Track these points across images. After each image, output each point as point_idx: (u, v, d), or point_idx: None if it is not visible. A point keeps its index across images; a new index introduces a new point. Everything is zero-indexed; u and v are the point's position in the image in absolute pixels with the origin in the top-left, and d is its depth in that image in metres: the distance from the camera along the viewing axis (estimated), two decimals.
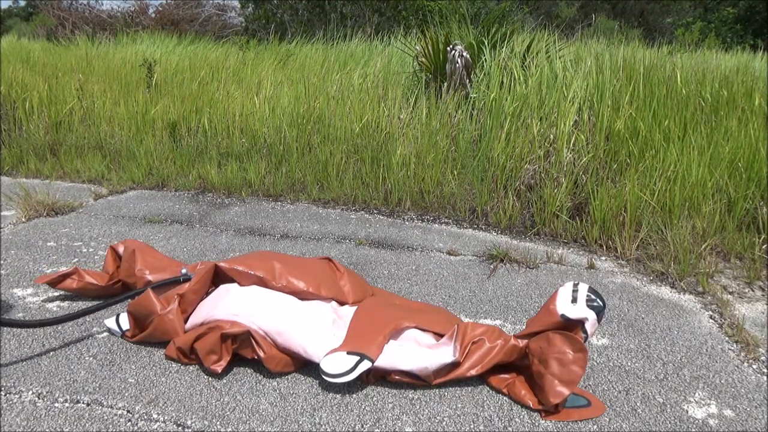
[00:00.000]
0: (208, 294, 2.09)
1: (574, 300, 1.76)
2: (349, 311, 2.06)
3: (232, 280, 2.09)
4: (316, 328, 1.88)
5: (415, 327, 1.91)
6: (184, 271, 2.15)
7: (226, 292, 2.02)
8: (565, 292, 1.80)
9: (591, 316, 1.73)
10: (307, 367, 1.87)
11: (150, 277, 2.20)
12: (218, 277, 2.11)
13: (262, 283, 2.05)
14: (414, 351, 1.79)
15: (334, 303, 2.08)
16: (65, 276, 2.24)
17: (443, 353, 1.77)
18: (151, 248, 2.42)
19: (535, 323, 1.81)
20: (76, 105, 5.15)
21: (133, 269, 2.22)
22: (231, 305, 1.93)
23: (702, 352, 2.02)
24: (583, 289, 1.79)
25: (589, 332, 1.74)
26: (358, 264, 2.72)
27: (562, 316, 1.74)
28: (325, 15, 11.37)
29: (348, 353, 1.76)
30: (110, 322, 2.04)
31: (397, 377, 1.76)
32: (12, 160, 4.56)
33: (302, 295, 2.05)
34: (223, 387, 1.77)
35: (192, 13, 12.93)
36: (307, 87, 4.83)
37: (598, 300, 1.77)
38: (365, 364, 1.72)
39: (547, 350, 1.71)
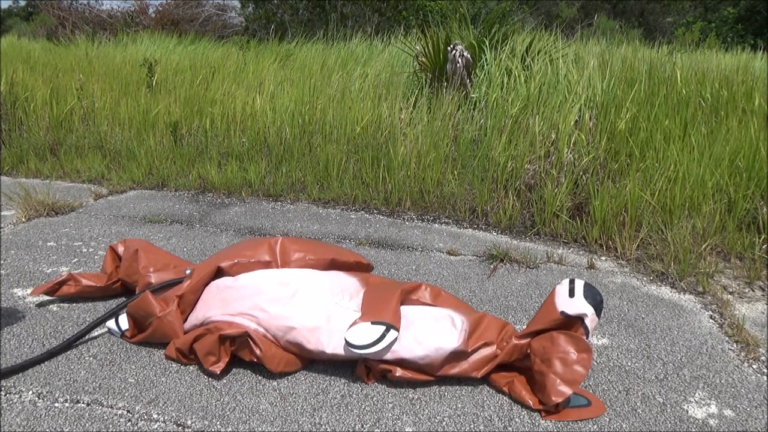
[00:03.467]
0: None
1: (572, 296, 1.76)
2: (348, 280, 2.04)
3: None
4: (318, 317, 1.84)
5: (419, 298, 1.94)
6: (188, 272, 2.14)
7: (217, 290, 1.98)
8: (562, 290, 1.80)
9: (590, 311, 1.73)
10: (308, 365, 1.88)
11: (153, 276, 2.18)
12: (218, 274, 2.09)
13: (267, 266, 2.06)
14: (417, 337, 1.77)
15: (335, 275, 2.07)
16: (61, 283, 2.23)
17: (447, 338, 1.75)
18: (154, 246, 2.41)
19: (535, 322, 1.81)
20: (76, 105, 5.15)
21: (135, 268, 2.21)
22: (227, 305, 1.91)
23: (702, 352, 2.02)
24: (580, 284, 1.79)
25: (589, 328, 1.74)
26: None
27: (562, 313, 1.74)
28: (326, 15, 11.36)
29: (372, 323, 1.75)
30: (110, 323, 2.04)
31: (398, 374, 1.76)
32: (12, 160, 4.56)
33: (304, 265, 2.07)
34: (223, 387, 1.77)
35: (192, 13, 12.92)
36: (307, 87, 4.83)
37: (595, 295, 1.77)
38: (392, 334, 1.71)
39: (550, 350, 1.70)
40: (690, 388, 1.82)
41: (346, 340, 1.73)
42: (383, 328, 1.73)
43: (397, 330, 1.73)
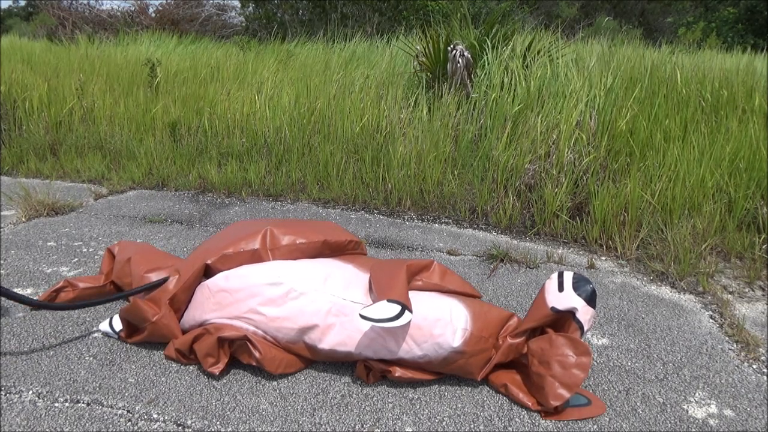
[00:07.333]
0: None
1: (561, 290, 1.73)
2: (344, 268, 1.98)
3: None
4: (314, 314, 1.81)
5: (423, 279, 1.94)
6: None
7: (210, 293, 1.93)
8: (551, 285, 1.77)
9: (580, 304, 1.70)
10: (308, 366, 1.88)
11: (153, 275, 2.15)
12: (207, 268, 2.04)
13: (257, 256, 2.00)
14: (417, 339, 1.75)
15: (329, 263, 2.01)
16: (58, 290, 2.23)
17: (447, 338, 1.73)
18: (151, 247, 2.40)
19: (528, 320, 1.79)
20: (76, 105, 5.15)
21: (126, 271, 2.17)
22: (222, 308, 1.89)
23: (702, 352, 2.02)
24: (569, 277, 1.76)
25: (582, 321, 1.70)
26: None
27: (552, 308, 1.72)
28: (326, 15, 11.37)
29: (389, 301, 1.71)
30: (104, 326, 2.03)
31: (398, 374, 1.75)
32: (12, 160, 4.56)
33: (295, 250, 2.02)
34: (223, 387, 1.77)
35: (192, 13, 12.92)
36: (308, 87, 4.83)
37: (586, 285, 1.73)
38: (407, 316, 1.67)
39: (549, 351, 1.69)
40: (690, 388, 1.82)
41: (363, 315, 1.67)
42: (399, 307, 1.69)
43: (411, 311, 1.69)
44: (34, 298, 2.28)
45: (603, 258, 2.87)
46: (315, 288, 1.85)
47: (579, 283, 1.73)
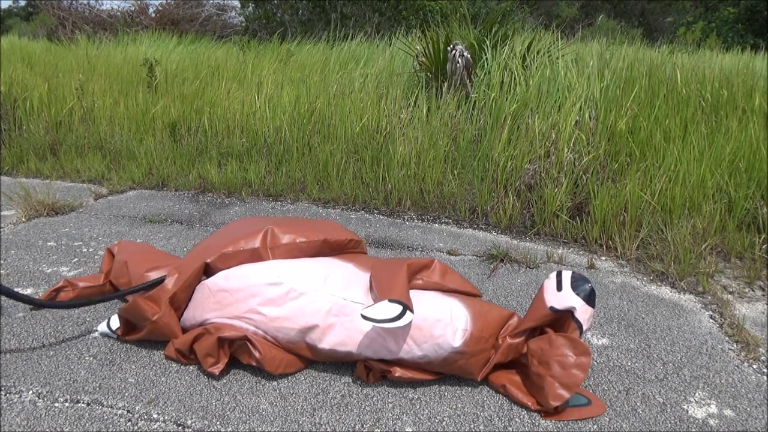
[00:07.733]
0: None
1: (560, 289, 1.73)
2: (344, 267, 1.96)
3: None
4: (314, 314, 1.80)
5: (423, 278, 1.94)
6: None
7: (210, 293, 1.92)
8: (550, 284, 1.77)
9: (578, 303, 1.69)
10: (308, 366, 1.88)
11: (153, 275, 2.15)
12: (207, 267, 2.03)
13: (257, 255, 1.98)
14: (417, 339, 1.74)
15: (328, 262, 1.99)
16: (58, 290, 2.22)
17: (447, 338, 1.72)
18: (150, 247, 2.39)
19: (527, 319, 1.79)
20: (76, 105, 5.15)
21: (124, 272, 2.18)
22: (222, 308, 1.88)
23: (702, 352, 2.02)
24: (567, 276, 1.75)
25: (581, 320, 1.70)
26: None
27: (551, 308, 1.72)
28: (326, 15, 11.37)
29: (390, 301, 1.70)
30: (102, 327, 2.03)
31: (398, 374, 1.75)
32: (12, 160, 4.56)
33: (295, 249, 2.01)
34: (223, 387, 1.77)
35: (192, 13, 12.91)
36: (307, 87, 4.83)
37: (584, 284, 1.72)
38: (409, 316, 1.66)
39: (548, 352, 1.69)
40: (690, 388, 1.82)
41: (365, 316, 1.66)
42: (400, 308, 1.68)
43: (413, 312, 1.69)
44: (35, 297, 2.28)
45: (603, 258, 2.88)
46: (315, 288, 1.84)
47: (577, 283, 1.73)
